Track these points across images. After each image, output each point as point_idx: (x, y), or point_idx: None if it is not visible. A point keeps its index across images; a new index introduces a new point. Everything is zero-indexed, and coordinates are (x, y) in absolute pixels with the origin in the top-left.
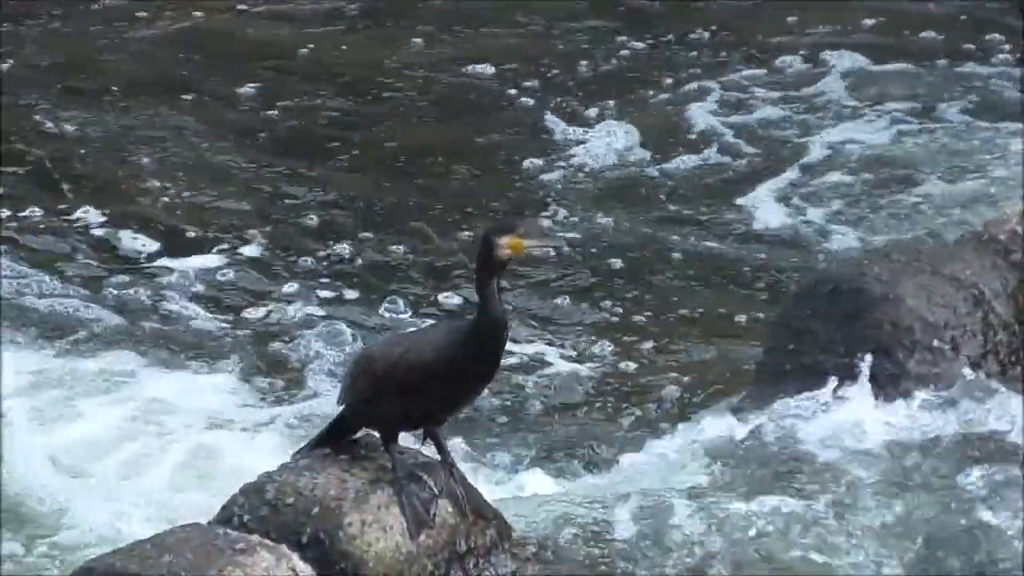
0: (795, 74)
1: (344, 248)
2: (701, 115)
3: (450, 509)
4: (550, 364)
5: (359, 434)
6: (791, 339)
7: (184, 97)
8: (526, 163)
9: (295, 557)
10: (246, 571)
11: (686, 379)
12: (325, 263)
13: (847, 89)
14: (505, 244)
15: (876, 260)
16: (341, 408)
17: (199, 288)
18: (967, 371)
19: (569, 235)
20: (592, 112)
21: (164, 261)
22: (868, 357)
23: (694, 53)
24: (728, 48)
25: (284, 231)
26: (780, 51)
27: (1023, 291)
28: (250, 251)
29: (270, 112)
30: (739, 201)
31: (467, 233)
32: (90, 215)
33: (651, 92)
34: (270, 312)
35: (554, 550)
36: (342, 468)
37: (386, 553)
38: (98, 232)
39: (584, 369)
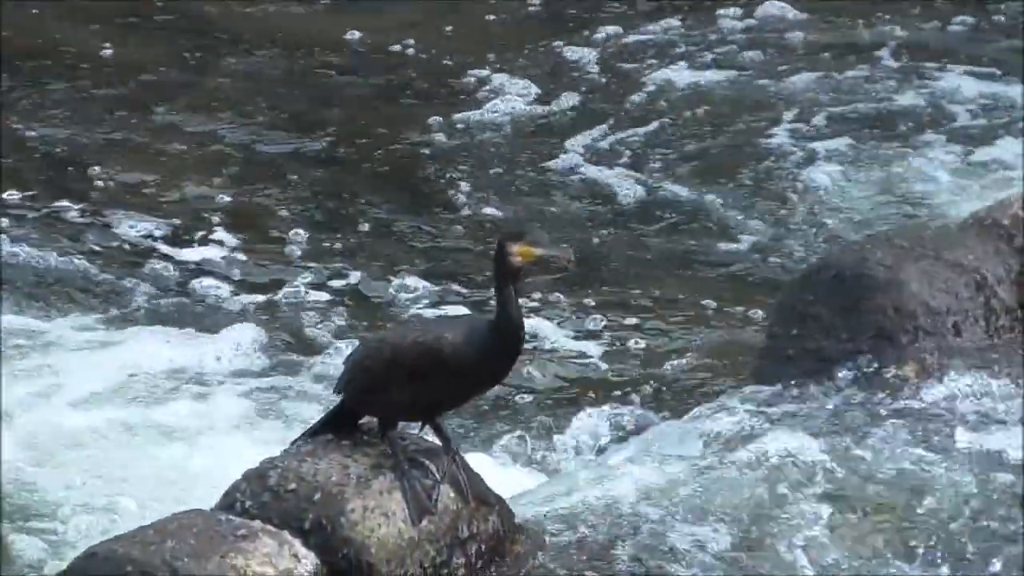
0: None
1: (347, 234)
2: (693, 92)
3: (452, 495)
4: (551, 351)
5: (361, 422)
6: (794, 324)
7: (184, 80)
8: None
9: (297, 543)
10: (248, 557)
11: (689, 364)
12: (328, 249)
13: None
14: (516, 251)
15: (878, 245)
16: (341, 396)
17: (198, 276)
18: (969, 356)
19: (569, 224)
20: (573, 92)
21: (168, 247)
22: (871, 342)
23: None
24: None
25: (286, 215)
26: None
27: None
28: (253, 236)
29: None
30: (740, 185)
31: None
32: (76, 200)
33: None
34: (272, 299)
35: (556, 536)
36: (344, 454)
37: (388, 539)
38: (91, 218)
39: (585, 355)
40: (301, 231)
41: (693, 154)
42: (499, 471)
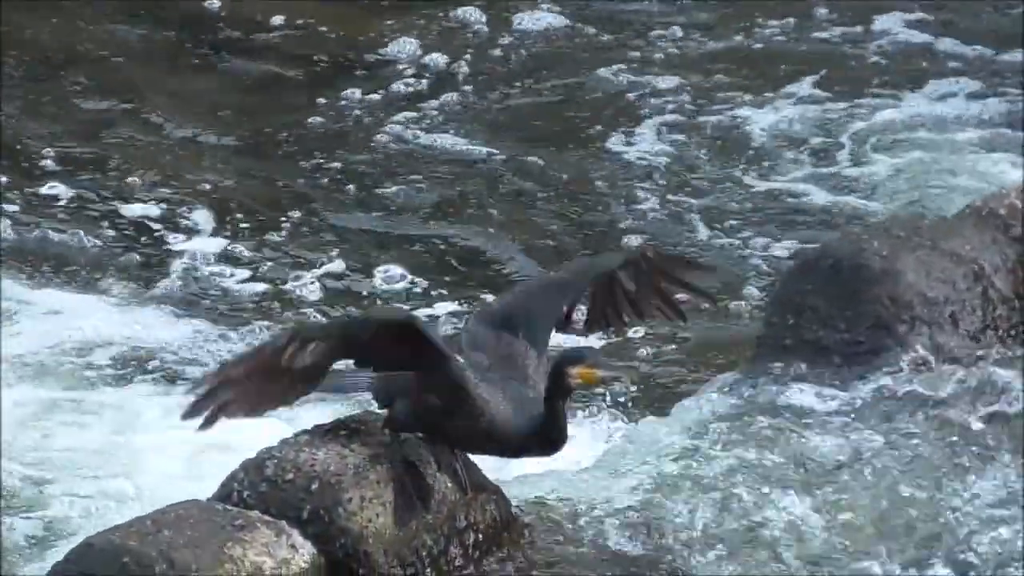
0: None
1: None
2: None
3: (450, 485)
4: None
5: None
6: (791, 314)
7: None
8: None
9: (295, 533)
10: (245, 547)
11: (684, 356)
12: (319, 237)
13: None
14: (575, 374)
15: (876, 235)
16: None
17: (199, 267)
18: (966, 346)
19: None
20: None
21: (159, 231)
22: (868, 332)
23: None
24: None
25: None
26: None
27: (1023, 265)
28: (243, 222)
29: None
30: (736, 171)
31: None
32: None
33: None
34: (266, 287)
35: (553, 526)
36: (342, 444)
37: (386, 529)
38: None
39: (581, 344)
40: (292, 218)
41: (677, 141)
42: (495, 462)
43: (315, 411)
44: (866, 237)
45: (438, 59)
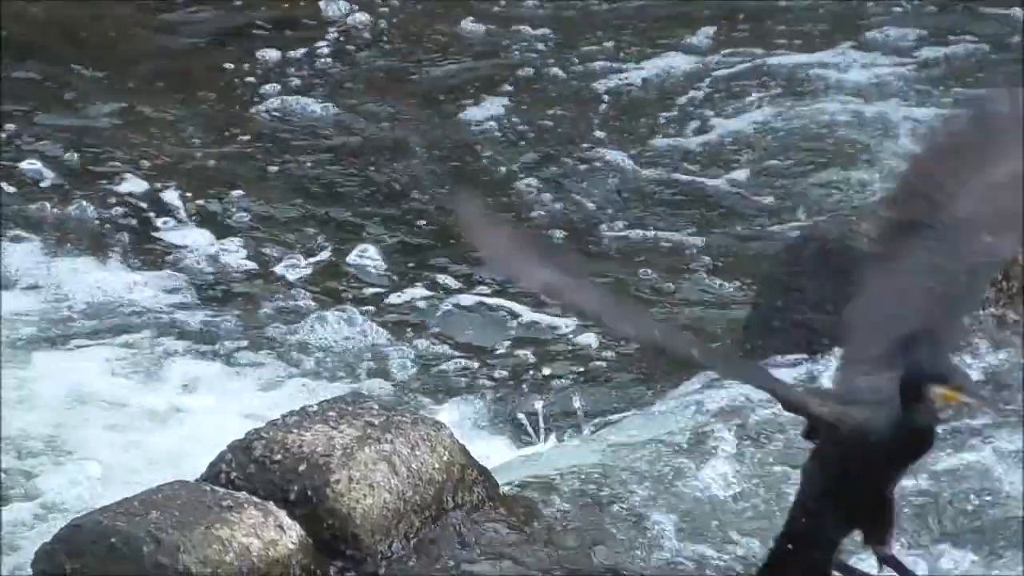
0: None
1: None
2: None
3: (436, 465)
4: (539, 323)
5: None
6: (779, 296)
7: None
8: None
9: (283, 514)
10: (233, 528)
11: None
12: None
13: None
14: (939, 394)
15: (865, 216)
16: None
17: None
18: None
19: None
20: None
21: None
22: None
23: None
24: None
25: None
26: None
27: None
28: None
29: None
30: (724, 153)
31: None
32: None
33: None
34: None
35: (539, 508)
36: (330, 425)
37: (373, 510)
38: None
39: (571, 328)
40: (270, 194)
41: (668, 126)
42: (483, 440)
43: (303, 393)
44: (854, 219)
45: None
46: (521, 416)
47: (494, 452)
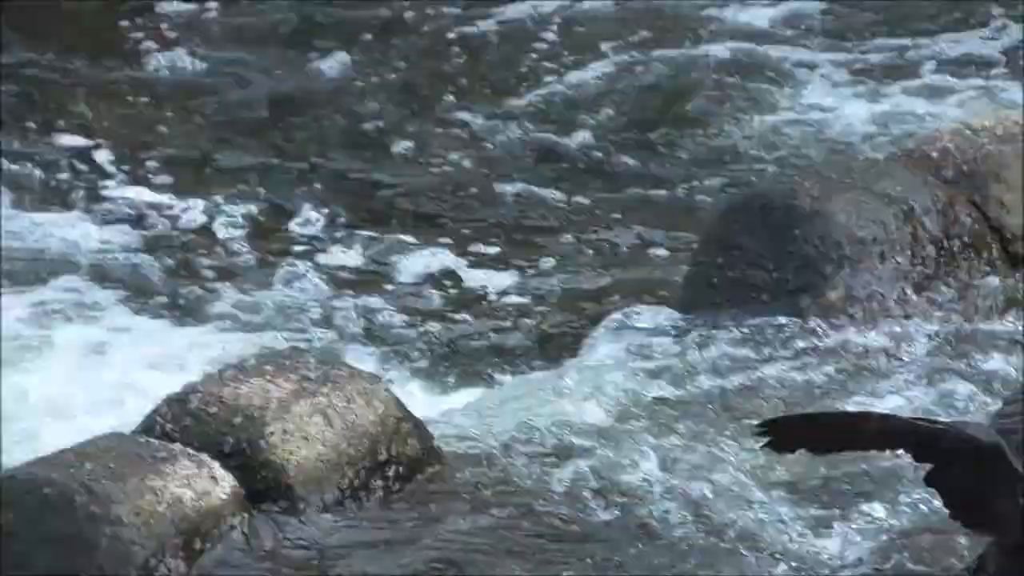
0: None
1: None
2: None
3: (371, 418)
4: (478, 279)
5: None
6: (719, 254)
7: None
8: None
9: (216, 466)
10: (166, 479)
11: (612, 292)
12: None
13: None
14: None
15: (807, 176)
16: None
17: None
18: (894, 285)
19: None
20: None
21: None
22: (796, 271)
23: None
24: None
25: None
26: None
27: (953, 206)
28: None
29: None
30: (671, 114)
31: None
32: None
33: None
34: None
35: (473, 460)
36: (266, 379)
37: (307, 462)
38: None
39: (510, 284)
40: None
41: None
42: (420, 394)
43: (240, 346)
44: (798, 179)
45: None
46: (458, 370)
47: (430, 406)
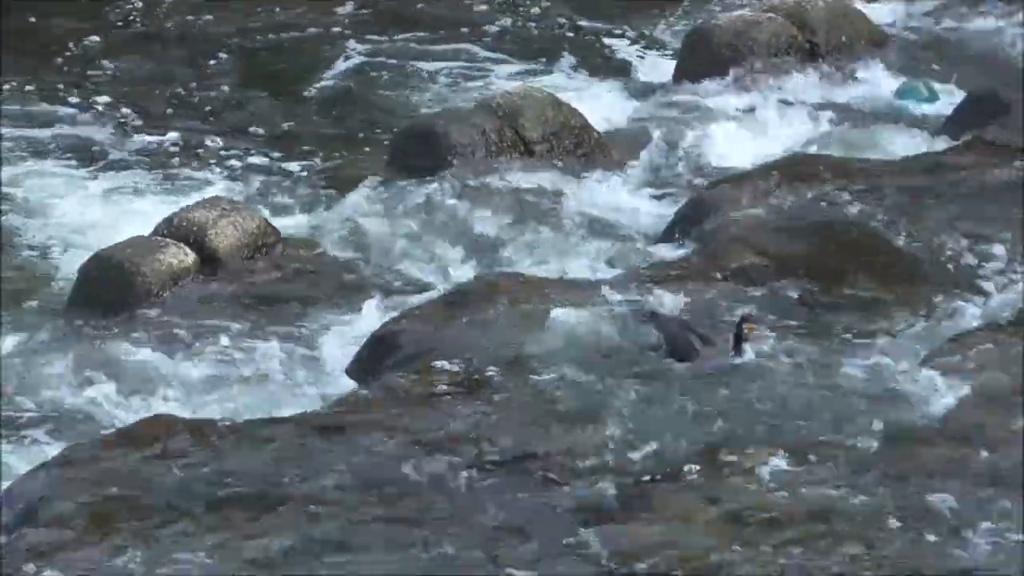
0: None
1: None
2: None
3: (254, 227)
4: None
5: None
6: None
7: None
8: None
9: (186, 248)
10: (165, 254)
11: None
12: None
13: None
14: (747, 328)
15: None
16: None
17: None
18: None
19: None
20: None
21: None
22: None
23: None
24: None
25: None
26: None
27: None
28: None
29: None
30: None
31: None
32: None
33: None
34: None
35: (316, 247)
36: (207, 209)
37: (229, 245)
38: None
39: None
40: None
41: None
42: (280, 217)
43: (199, 192)
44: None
45: None
46: (300, 199)
47: (285, 223)
